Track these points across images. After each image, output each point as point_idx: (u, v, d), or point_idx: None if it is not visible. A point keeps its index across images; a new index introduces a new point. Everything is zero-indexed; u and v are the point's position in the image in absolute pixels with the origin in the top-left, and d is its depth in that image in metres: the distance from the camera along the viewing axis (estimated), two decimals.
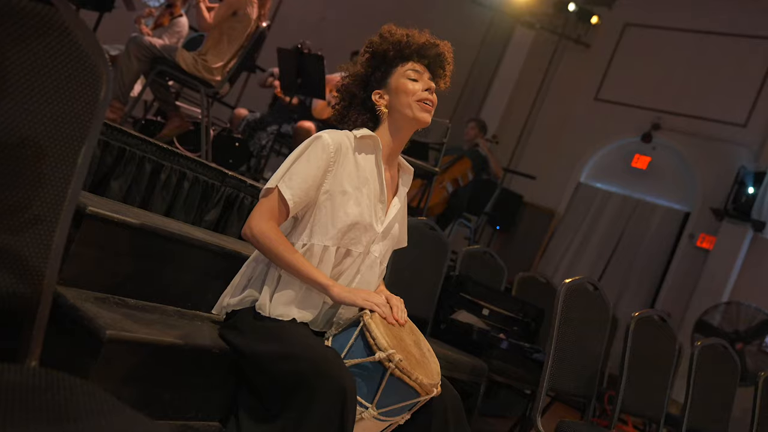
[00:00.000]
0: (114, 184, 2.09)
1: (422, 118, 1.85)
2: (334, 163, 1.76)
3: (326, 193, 1.76)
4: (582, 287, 2.61)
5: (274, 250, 1.68)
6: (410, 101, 1.84)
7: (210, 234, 2.21)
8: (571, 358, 2.52)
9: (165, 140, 4.42)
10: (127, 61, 4.08)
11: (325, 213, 1.76)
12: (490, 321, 3.66)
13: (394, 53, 1.85)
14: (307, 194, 1.73)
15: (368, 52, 1.88)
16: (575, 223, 8.89)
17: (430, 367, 1.73)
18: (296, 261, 1.68)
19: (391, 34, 1.87)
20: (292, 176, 1.72)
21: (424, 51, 1.86)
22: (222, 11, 4.11)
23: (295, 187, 1.71)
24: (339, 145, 1.77)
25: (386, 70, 1.87)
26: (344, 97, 1.91)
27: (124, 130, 2.11)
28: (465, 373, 2.91)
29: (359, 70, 1.90)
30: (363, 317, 1.67)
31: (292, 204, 1.71)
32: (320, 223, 1.77)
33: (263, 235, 1.68)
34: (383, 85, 1.87)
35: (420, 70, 1.86)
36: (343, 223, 1.77)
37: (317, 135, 1.78)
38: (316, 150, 1.75)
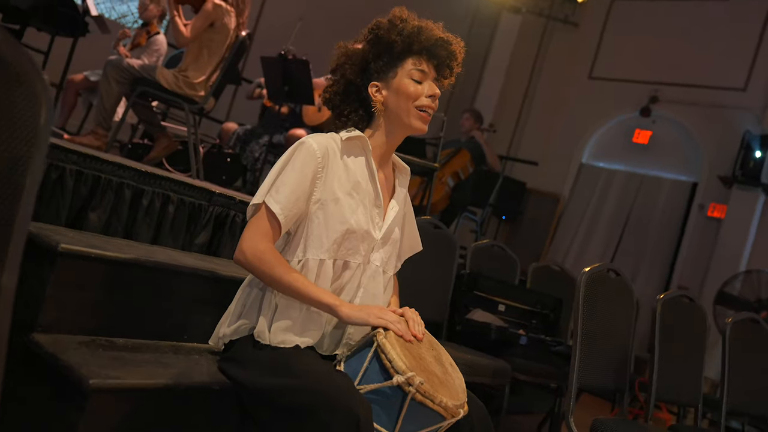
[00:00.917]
0: (92, 215, 1.94)
1: (419, 128, 1.70)
2: (322, 169, 1.61)
3: (317, 202, 1.62)
4: (602, 275, 2.45)
5: (271, 272, 1.53)
6: (410, 107, 1.67)
7: (201, 258, 2.06)
8: (598, 351, 2.37)
9: (154, 163, 4.28)
10: (106, 85, 3.95)
11: (318, 224, 1.62)
12: (508, 317, 3.51)
13: (403, 46, 1.67)
14: (297, 206, 1.58)
15: (373, 35, 1.69)
16: (581, 205, 8.73)
17: (455, 386, 1.58)
18: (297, 282, 1.54)
19: (403, 21, 1.67)
20: (279, 188, 1.57)
21: (435, 50, 1.68)
22: (199, 24, 3.96)
23: (283, 200, 1.56)
24: (326, 150, 1.62)
25: (389, 61, 1.69)
26: (340, 81, 1.73)
27: (97, 157, 1.96)
28: (487, 376, 2.76)
29: (358, 52, 1.71)
30: (376, 337, 1.52)
31: (283, 218, 1.56)
32: (314, 236, 1.62)
33: (258, 258, 1.54)
34: (383, 78, 1.70)
35: (426, 70, 1.69)
36: (337, 233, 1.62)
37: (301, 141, 1.63)
38: (302, 157, 1.60)
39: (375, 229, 1.69)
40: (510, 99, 9.26)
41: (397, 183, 1.82)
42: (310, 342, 1.60)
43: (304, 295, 1.54)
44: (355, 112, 1.74)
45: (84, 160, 1.92)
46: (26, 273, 1.66)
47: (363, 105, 1.74)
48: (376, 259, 1.70)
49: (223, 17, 4.00)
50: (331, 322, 1.64)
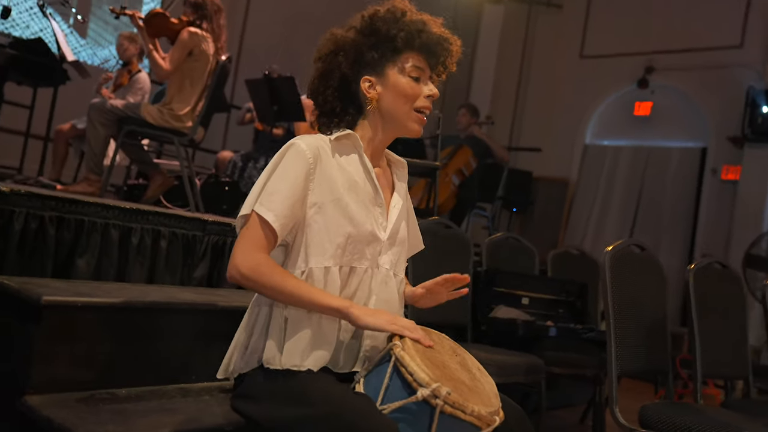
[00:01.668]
0: (80, 262, 1.84)
1: (415, 131, 1.58)
2: (314, 170, 1.49)
3: (314, 206, 1.49)
4: (626, 251, 2.31)
5: (271, 283, 1.41)
6: (408, 109, 1.56)
7: (201, 292, 1.95)
8: (634, 332, 2.23)
9: (152, 201, 4.19)
10: (92, 129, 3.87)
11: (318, 229, 1.49)
12: (533, 310, 3.37)
13: (404, 41, 1.53)
14: (292, 212, 1.46)
15: (369, 24, 1.55)
16: (591, 186, 8.57)
17: (485, 391, 1.44)
18: (300, 289, 1.42)
19: (404, 14, 1.54)
20: (270, 195, 1.44)
21: (435, 48, 1.55)
22: (177, 54, 3.87)
23: (277, 207, 1.43)
24: (316, 150, 1.50)
25: (386, 55, 1.55)
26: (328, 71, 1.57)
27: (77, 200, 1.86)
28: (521, 375, 2.62)
29: (350, 40, 1.56)
30: (393, 350, 1.39)
31: (278, 226, 1.43)
32: (314, 242, 1.49)
33: (253, 269, 1.41)
34: (378, 73, 1.56)
35: (423, 67, 1.57)
36: (340, 237, 1.49)
37: (289, 143, 1.51)
38: (292, 159, 1.48)
39: (380, 229, 1.57)
40: (504, 89, 9.14)
41: (396, 178, 1.69)
42: (325, 358, 1.48)
43: (311, 302, 1.42)
44: (345, 110, 1.61)
45: (63, 205, 1.81)
46: (11, 331, 1.56)
47: (353, 101, 1.61)
48: (385, 262, 1.58)
49: (200, 44, 3.92)
50: (346, 336, 1.51)
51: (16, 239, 1.70)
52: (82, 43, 6.85)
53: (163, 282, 2.05)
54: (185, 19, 3.95)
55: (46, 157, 4.53)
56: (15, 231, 1.69)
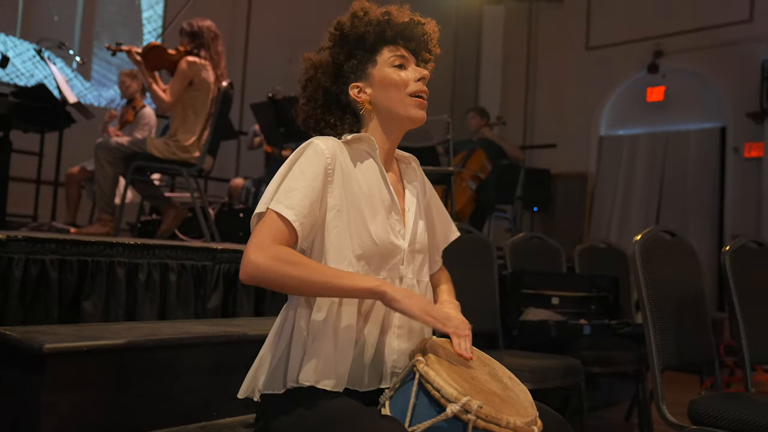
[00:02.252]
0: (86, 304, 1.77)
1: (418, 116, 1.50)
2: (333, 171, 1.41)
3: (334, 209, 1.40)
4: (657, 239, 2.20)
5: (294, 271, 1.28)
6: (402, 96, 1.48)
7: (215, 324, 1.87)
8: (673, 323, 2.10)
9: (167, 236, 4.14)
10: (100, 169, 3.85)
11: (337, 234, 1.40)
12: (564, 309, 3.25)
13: (375, 37, 1.49)
14: (312, 212, 1.36)
15: (338, 35, 1.52)
16: (611, 178, 8.42)
17: (520, 401, 1.34)
18: (327, 274, 1.31)
19: (366, 12, 1.50)
20: (288, 193, 1.34)
21: (408, 32, 1.51)
22: (177, 85, 3.84)
23: (296, 204, 1.33)
24: (334, 151, 1.42)
25: (364, 57, 1.51)
26: (315, 95, 1.53)
27: (78, 240, 1.80)
28: (558, 379, 2.50)
29: (326, 58, 1.53)
30: (416, 366, 1.30)
31: (299, 225, 1.32)
32: (334, 247, 1.40)
33: (272, 260, 1.28)
34: (362, 77, 1.51)
35: (405, 55, 1.51)
36: (360, 248, 1.41)
37: (308, 142, 1.43)
38: (310, 157, 1.39)
39: (399, 238, 1.48)
40: (513, 89, 9.04)
41: (405, 179, 1.60)
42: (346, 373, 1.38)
43: (341, 287, 1.31)
44: (342, 119, 1.54)
45: (64, 247, 1.75)
46: (15, 384, 1.50)
47: (348, 111, 1.54)
48: (408, 272, 1.49)
49: (200, 73, 3.88)
50: (367, 352, 1.42)
51: (16, 287, 1.64)
52: (87, 86, 6.89)
53: (175, 317, 1.98)
54: (183, 49, 3.92)
55: (57, 201, 4.51)
56: (15, 279, 1.63)
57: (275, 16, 7.50)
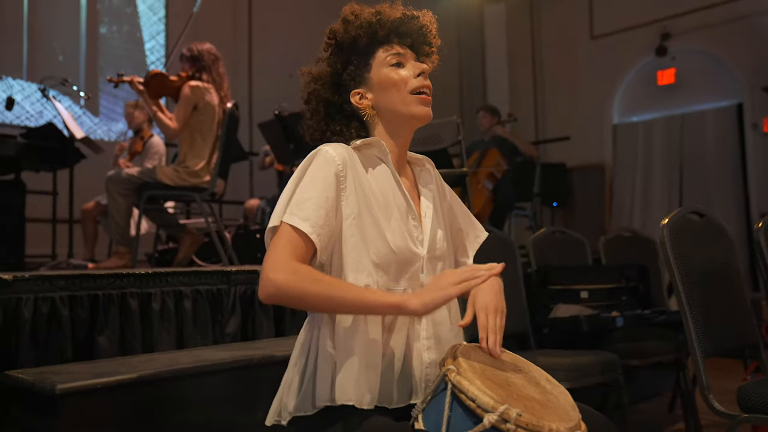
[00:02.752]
0: (101, 340, 1.72)
1: (423, 114, 1.44)
2: (345, 178, 1.35)
3: (350, 217, 1.35)
4: (685, 221, 2.11)
5: (313, 289, 1.24)
6: (404, 95, 1.43)
7: (235, 348, 1.81)
8: (711, 307, 2.01)
9: (185, 263, 4.11)
10: (113, 202, 3.84)
11: (355, 243, 1.35)
12: (594, 302, 3.15)
13: (367, 39, 1.45)
14: (328, 222, 1.31)
15: (333, 44, 1.48)
16: (629, 166, 8.27)
17: (560, 404, 1.27)
18: (349, 291, 1.27)
19: (357, 16, 1.45)
20: (301, 204, 1.30)
21: (403, 28, 1.46)
22: (182, 111, 3.81)
23: (311, 215, 1.28)
24: (344, 158, 1.37)
25: (360, 62, 1.47)
26: (317, 108, 1.49)
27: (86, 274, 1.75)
28: (596, 375, 2.41)
29: (325, 69, 1.49)
30: (448, 376, 1.23)
31: (317, 237, 1.28)
32: (353, 257, 1.34)
33: (291, 277, 1.24)
34: (362, 82, 1.46)
35: (402, 52, 1.46)
36: (377, 257, 1.35)
37: (316, 150, 1.38)
38: (320, 165, 1.35)
39: (417, 244, 1.42)
40: (521, 85, 8.95)
41: (419, 182, 1.54)
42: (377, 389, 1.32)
43: (363, 304, 1.26)
44: (347, 125, 1.49)
45: (74, 282, 1.70)
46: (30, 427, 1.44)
47: (352, 118, 1.49)
48: (428, 281, 1.41)
49: (203, 97, 3.85)
50: (395, 366, 1.36)
51: (27, 328, 1.59)
52: (96, 122, 6.91)
53: (194, 345, 1.92)
54: (184, 75, 3.91)
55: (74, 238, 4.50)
56: (25, 319, 1.58)
57: (276, 33, 7.49)
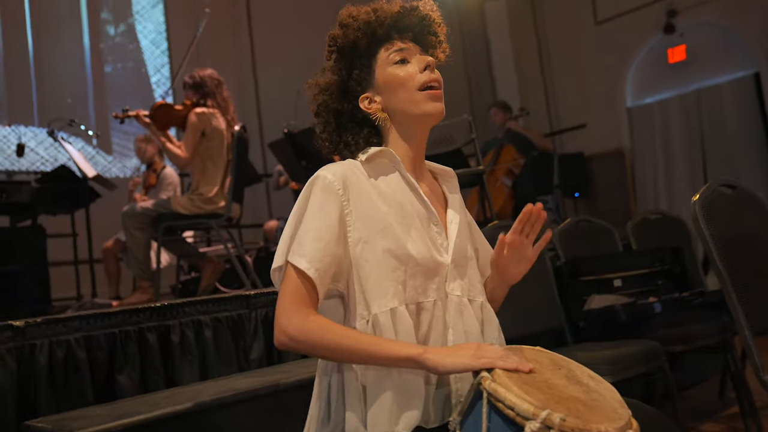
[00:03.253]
0: (122, 379, 1.66)
1: (435, 110, 1.36)
2: (347, 201, 1.29)
3: (359, 242, 1.28)
4: (717, 195, 2.00)
5: (325, 341, 1.21)
6: (412, 93, 1.36)
7: (261, 374, 1.75)
8: (756, 281, 1.90)
9: (209, 291, 4.07)
10: (130, 237, 3.82)
11: (371, 268, 1.27)
12: (629, 290, 3.04)
13: (367, 40, 1.39)
14: (328, 253, 1.25)
15: (335, 50, 1.42)
16: (648, 148, 8.12)
17: (607, 403, 1.17)
18: (362, 342, 1.21)
19: (354, 18, 1.39)
20: (301, 239, 1.25)
21: (402, 22, 1.39)
22: (190, 139, 3.79)
23: (309, 251, 1.23)
24: (344, 179, 1.30)
25: (364, 64, 1.40)
26: (328, 119, 1.43)
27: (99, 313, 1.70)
28: (639, 365, 2.30)
29: (331, 78, 1.43)
30: (482, 383, 1.14)
31: (314, 272, 1.22)
32: (371, 283, 1.27)
33: (302, 331, 1.21)
34: (369, 86, 1.40)
35: (405, 47, 1.39)
36: (397, 271, 1.28)
37: (313, 177, 1.32)
38: (318, 194, 1.28)
39: (441, 252, 1.34)
40: (529, 78, 8.84)
41: (446, 190, 1.47)
42: (417, 417, 1.24)
43: (378, 356, 1.20)
44: (359, 133, 1.42)
45: (87, 322, 1.65)
46: None
47: (365, 124, 1.42)
48: (454, 289, 1.34)
49: (210, 122, 3.82)
50: (432, 383, 1.27)
51: (44, 374, 1.54)
52: (110, 160, 6.95)
53: (218, 375, 1.86)
54: (189, 103, 3.89)
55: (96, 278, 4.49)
56: (41, 365, 1.53)
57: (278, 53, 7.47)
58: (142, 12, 7.31)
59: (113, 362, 1.69)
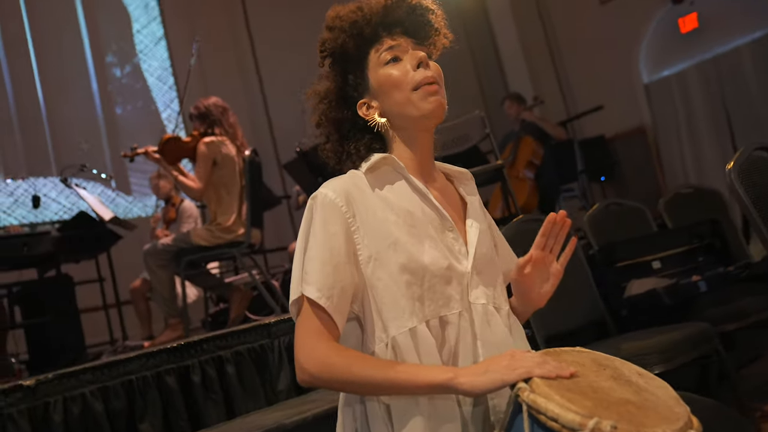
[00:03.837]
0: (144, 428, 1.58)
1: (433, 108, 1.26)
2: (352, 217, 1.20)
3: (369, 260, 1.19)
4: (753, 160, 1.88)
5: (348, 376, 1.12)
6: (407, 94, 1.26)
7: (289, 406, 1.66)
8: None
9: (239, 321, 4.00)
10: (154, 275, 3.80)
11: (384, 286, 1.18)
12: (669, 270, 2.91)
13: (355, 42, 1.29)
14: (341, 277, 1.16)
15: (328, 55, 1.33)
16: (671, 123, 7.90)
17: (661, 401, 1.06)
18: (388, 373, 1.11)
19: (341, 18, 1.30)
20: (308, 268, 1.17)
21: (390, 16, 1.29)
22: (202, 169, 3.74)
23: (317, 279, 1.15)
24: (346, 194, 1.21)
25: (357, 68, 1.31)
26: (330, 129, 1.34)
27: (113, 361, 1.62)
28: (691, 351, 2.16)
29: (328, 85, 1.34)
30: (520, 396, 1.04)
31: (325, 301, 1.14)
32: (387, 304, 1.18)
33: (322, 365, 1.13)
34: (364, 91, 1.31)
35: (395, 43, 1.29)
36: (413, 285, 1.18)
37: (312, 197, 1.24)
38: (320, 214, 1.20)
39: (460, 259, 1.24)
40: (540, 66, 8.69)
41: (464, 192, 1.36)
42: None
43: (406, 385, 1.10)
44: (360, 141, 1.33)
45: (102, 372, 1.58)
46: None
47: (366, 131, 1.33)
48: (478, 297, 1.23)
49: (220, 150, 3.78)
50: (468, 406, 1.17)
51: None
52: (130, 200, 6.96)
53: (245, 411, 1.77)
54: (197, 133, 3.86)
55: (125, 320, 4.46)
56: (57, 423, 1.46)
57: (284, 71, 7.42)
58: (146, 51, 7.34)
59: (133, 411, 1.62)
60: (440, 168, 1.39)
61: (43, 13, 6.76)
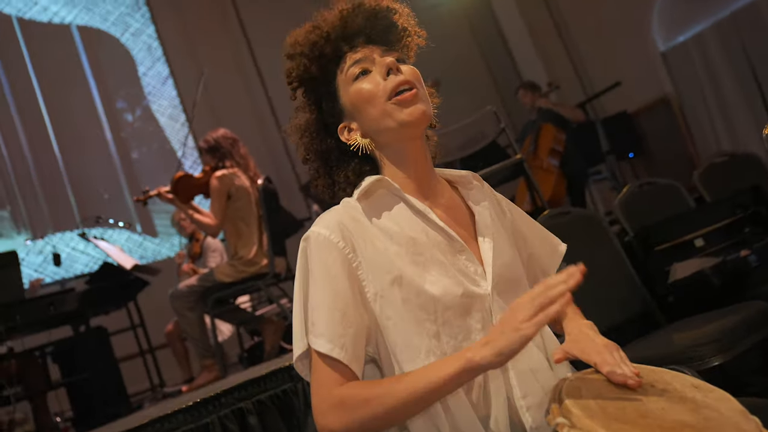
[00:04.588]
0: None
1: (411, 117, 1.14)
2: (353, 253, 1.09)
3: (376, 297, 1.08)
4: None
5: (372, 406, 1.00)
6: (382, 107, 1.14)
7: None
8: None
9: (275, 353, 3.91)
10: (183, 319, 3.75)
11: (395, 324, 1.07)
12: (714, 247, 2.72)
13: (318, 64, 1.19)
14: (351, 323, 1.05)
15: (298, 84, 1.22)
16: (695, 89, 7.63)
17: (724, 417, 0.92)
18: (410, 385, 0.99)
19: (300, 43, 1.20)
20: (314, 319, 1.06)
21: (350, 28, 1.18)
22: (217, 204, 3.67)
23: (326, 329, 1.04)
24: (341, 228, 1.10)
25: (327, 91, 1.20)
26: (318, 163, 1.23)
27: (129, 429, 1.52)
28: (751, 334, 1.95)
29: (306, 117, 1.23)
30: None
31: (341, 353, 1.03)
32: (400, 344, 1.07)
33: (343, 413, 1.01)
34: (341, 114, 1.20)
35: (360, 57, 1.17)
36: (427, 321, 1.07)
37: (304, 239, 1.13)
38: (316, 257, 1.09)
39: (477, 281, 1.11)
40: (550, 51, 8.49)
41: (470, 201, 1.23)
42: None
43: (430, 387, 0.98)
44: (347, 167, 1.21)
45: None
46: None
47: (352, 156, 1.21)
48: None
49: (233, 183, 3.71)
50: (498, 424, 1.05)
51: None
52: (157, 242, 6.95)
53: None
54: (208, 168, 3.80)
55: (160, 365, 4.41)
56: None
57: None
58: (154, 92, 7.35)
59: None
60: (442, 175, 1.26)
61: (51, 70, 6.82)
